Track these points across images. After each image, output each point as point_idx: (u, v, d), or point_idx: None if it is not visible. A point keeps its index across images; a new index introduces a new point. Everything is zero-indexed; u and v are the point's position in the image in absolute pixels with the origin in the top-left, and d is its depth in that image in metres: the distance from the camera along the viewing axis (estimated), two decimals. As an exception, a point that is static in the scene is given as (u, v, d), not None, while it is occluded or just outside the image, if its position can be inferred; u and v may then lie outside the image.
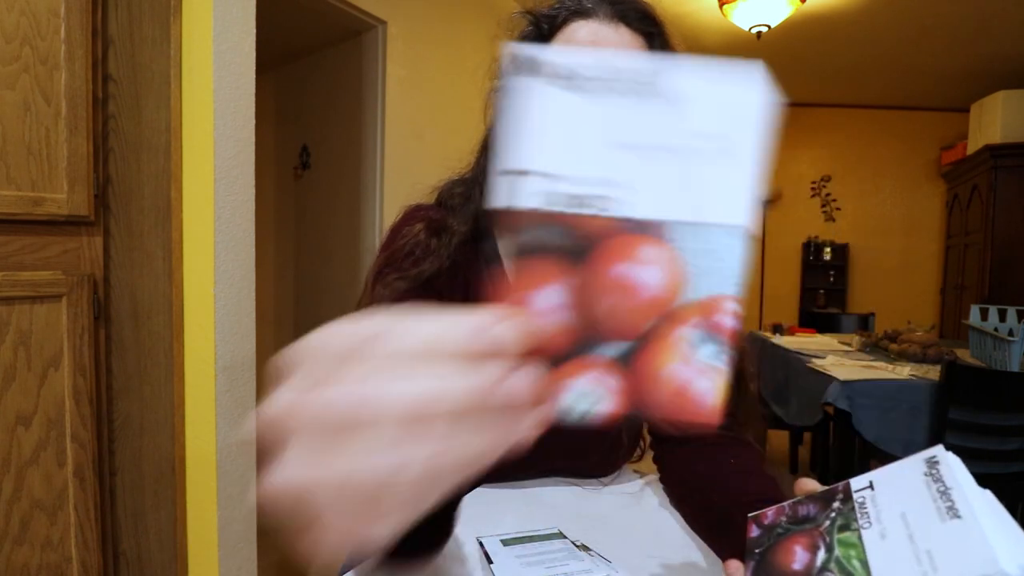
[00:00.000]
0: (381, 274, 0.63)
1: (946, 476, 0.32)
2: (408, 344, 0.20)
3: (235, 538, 1.40)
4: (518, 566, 0.46)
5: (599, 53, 0.22)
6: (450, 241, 0.65)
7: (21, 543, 1.08)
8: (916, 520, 0.31)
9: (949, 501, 0.30)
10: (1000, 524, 0.30)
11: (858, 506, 0.34)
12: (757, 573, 0.36)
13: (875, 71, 4.15)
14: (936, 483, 0.32)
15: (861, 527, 0.33)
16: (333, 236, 2.89)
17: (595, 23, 0.61)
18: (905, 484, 0.33)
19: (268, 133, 3.26)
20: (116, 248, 1.24)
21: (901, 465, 0.35)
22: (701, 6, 3.23)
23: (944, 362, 1.67)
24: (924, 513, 0.31)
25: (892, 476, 0.34)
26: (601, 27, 0.61)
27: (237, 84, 1.34)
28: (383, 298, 0.61)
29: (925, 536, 0.30)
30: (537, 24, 0.64)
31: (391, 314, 0.21)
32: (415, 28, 2.53)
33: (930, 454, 0.34)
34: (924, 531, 0.30)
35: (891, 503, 0.33)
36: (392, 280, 0.62)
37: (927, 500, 0.31)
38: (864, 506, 0.34)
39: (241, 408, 1.40)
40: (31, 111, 1.06)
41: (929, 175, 4.88)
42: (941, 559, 0.29)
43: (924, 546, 0.30)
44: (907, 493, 0.33)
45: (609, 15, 0.61)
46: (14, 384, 1.07)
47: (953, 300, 4.35)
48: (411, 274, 0.62)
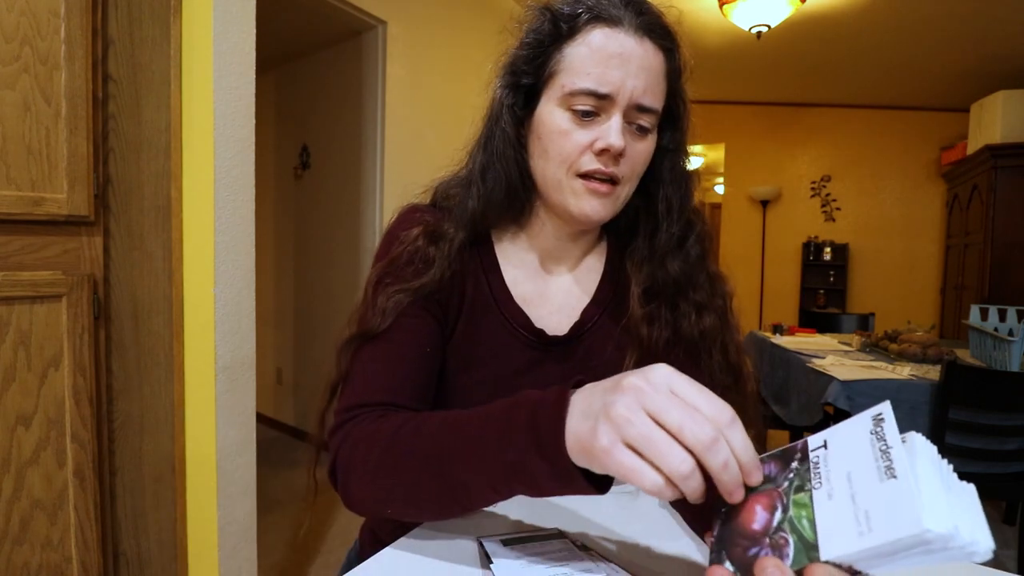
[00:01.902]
0: (381, 283, 0.63)
1: (888, 434, 0.32)
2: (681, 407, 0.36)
3: (235, 538, 1.40)
4: (518, 566, 0.46)
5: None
6: (449, 249, 0.63)
7: (21, 543, 1.08)
8: (859, 479, 0.32)
9: (888, 460, 0.31)
10: (943, 486, 0.30)
11: (812, 465, 0.35)
12: (722, 532, 0.37)
13: (875, 71, 4.15)
14: (879, 441, 0.32)
15: (813, 487, 0.34)
16: (333, 236, 2.90)
17: (622, 33, 0.58)
18: (854, 442, 0.34)
19: (268, 133, 3.26)
20: (116, 248, 1.24)
21: (853, 422, 0.35)
22: (701, 6, 3.23)
23: (944, 362, 1.67)
24: (866, 472, 0.32)
25: (844, 434, 0.35)
26: (627, 38, 0.58)
27: (237, 84, 1.34)
28: (387, 310, 0.60)
29: (864, 496, 0.31)
30: (555, 22, 0.61)
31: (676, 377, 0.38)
32: (415, 28, 2.53)
33: (876, 411, 0.34)
34: (864, 491, 0.31)
35: (840, 462, 0.34)
36: (393, 292, 0.61)
37: (870, 459, 0.32)
38: (817, 466, 0.35)
39: (241, 408, 1.40)
40: (31, 111, 1.06)
41: (929, 175, 4.87)
42: (876, 519, 0.30)
43: (863, 506, 0.31)
44: (854, 451, 0.33)
45: (635, 26, 0.58)
46: (14, 384, 1.07)
47: (953, 300, 4.35)
48: (413, 287, 0.61)
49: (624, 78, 0.57)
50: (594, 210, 0.61)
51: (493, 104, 0.65)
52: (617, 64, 0.57)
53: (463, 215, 0.65)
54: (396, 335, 0.61)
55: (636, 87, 0.58)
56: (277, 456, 2.87)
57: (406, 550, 0.51)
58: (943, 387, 1.64)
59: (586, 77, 0.58)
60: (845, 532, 0.31)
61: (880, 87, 4.49)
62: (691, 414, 0.35)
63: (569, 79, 0.59)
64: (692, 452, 0.34)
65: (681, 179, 0.68)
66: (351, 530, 2.18)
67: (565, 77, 0.59)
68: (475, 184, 0.65)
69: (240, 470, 1.40)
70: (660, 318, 0.67)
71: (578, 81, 0.58)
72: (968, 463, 1.65)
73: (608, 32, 0.58)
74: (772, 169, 5.16)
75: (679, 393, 0.37)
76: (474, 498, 0.46)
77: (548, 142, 0.61)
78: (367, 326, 0.61)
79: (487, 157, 0.65)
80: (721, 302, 0.69)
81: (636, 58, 0.58)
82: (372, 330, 0.60)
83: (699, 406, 0.36)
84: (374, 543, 0.67)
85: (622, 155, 0.60)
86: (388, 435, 0.51)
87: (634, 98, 0.58)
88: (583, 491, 0.40)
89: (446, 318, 0.65)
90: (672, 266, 0.67)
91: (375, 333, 0.60)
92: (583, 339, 0.68)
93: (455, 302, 0.65)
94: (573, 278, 0.71)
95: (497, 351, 0.66)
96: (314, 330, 3.11)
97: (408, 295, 0.61)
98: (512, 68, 0.64)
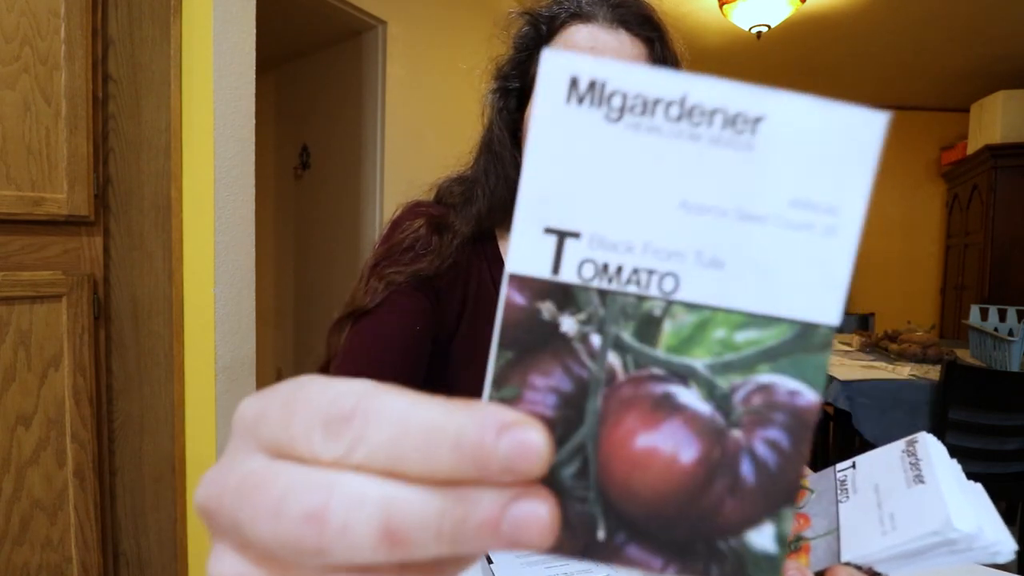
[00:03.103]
0: (378, 266, 0.63)
1: (919, 451, 0.33)
2: (383, 437, 0.14)
3: (235, 538, 1.40)
4: (518, 566, 0.46)
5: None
6: (452, 241, 0.64)
7: (21, 543, 1.08)
8: (886, 489, 0.32)
9: (917, 471, 0.31)
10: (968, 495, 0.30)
11: (839, 484, 0.35)
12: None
13: (876, 71, 4.15)
14: (910, 457, 0.33)
15: (839, 501, 0.34)
16: (333, 236, 2.90)
17: (594, 27, 0.60)
18: (885, 461, 0.34)
19: (268, 133, 3.26)
20: (116, 248, 1.24)
21: (886, 448, 0.36)
22: (701, 6, 3.23)
23: (944, 362, 1.67)
24: (894, 482, 0.32)
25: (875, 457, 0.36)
26: (600, 31, 0.59)
27: (237, 84, 1.34)
28: (377, 290, 0.60)
29: (890, 501, 0.31)
30: (535, 25, 0.63)
31: (367, 388, 0.14)
32: (415, 28, 2.53)
33: (912, 436, 0.35)
34: (890, 497, 0.31)
35: (868, 478, 0.34)
36: (388, 272, 0.61)
37: (899, 472, 0.32)
38: (844, 483, 0.35)
39: (241, 408, 1.40)
40: (31, 111, 1.06)
41: (929, 175, 4.88)
42: (901, 519, 0.30)
43: (888, 509, 0.31)
44: (884, 467, 0.34)
45: (609, 19, 0.60)
46: (14, 384, 1.07)
47: (953, 300, 4.35)
48: (409, 269, 0.61)
49: None
50: None
51: (486, 109, 0.68)
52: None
53: (469, 213, 0.66)
54: (385, 313, 0.60)
55: None
56: (277, 456, 2.87)
57: (406, 550, 0.51)
58: (943, 387, 1.64)
59: None
60: (868, 533, 0.30)
61: (880, 87, 4.49)
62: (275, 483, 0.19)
63: None
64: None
65: None
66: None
67: None
68: (479, 184, 0.66)
69: (240, 470, 1.40)
70: None
71: None
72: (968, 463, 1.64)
73: (582, 27, 0.60)
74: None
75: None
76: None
77: None
78: (357, 304, 0.61)
79: (488, 158, 0.66)
80: None
81: (610, 50, 0.59)
82: (361, 307, 0.60)
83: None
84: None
85: None
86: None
87: None
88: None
89: (446, 312, 0.65)
90: None
91: (364, 310, 0.60)
92: None
93: (457, 300, 0.66)
94: None
95: None
96: (314, 330, 3.10)
97: (403, 276, 0.61)
98: (500, 73, 0.66)
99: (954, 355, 2.10)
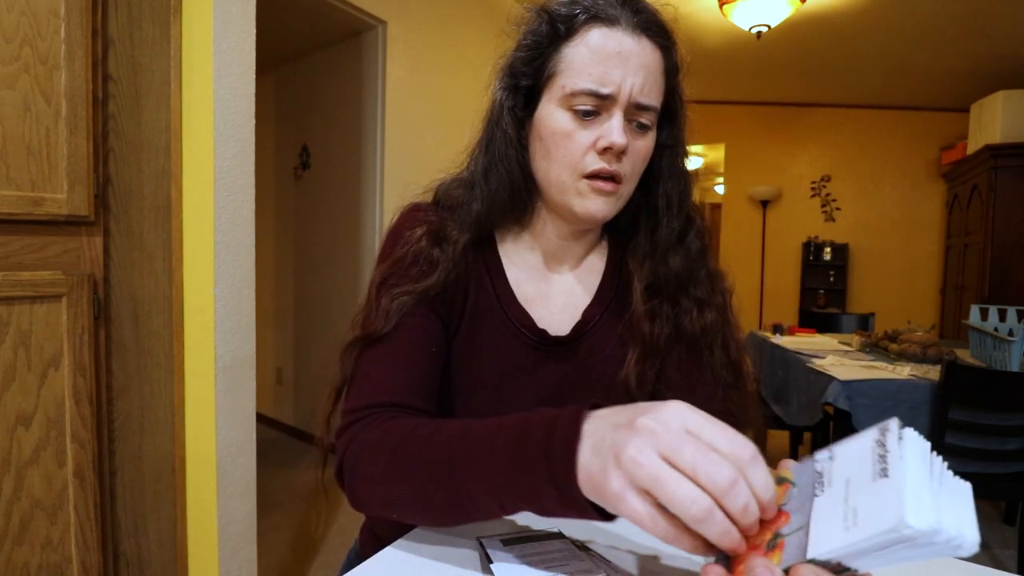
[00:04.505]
0: (385, 284, 0.62)
1: (889, 441, 0.32)
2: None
3: (235, 538, 1.40)
4: (518, 566, 0.46)
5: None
6: (453, 252, 0.63)
7: (21, 543, 1.08)
8: (855, 482, 0.32)
9: (884, 464, 0.31)
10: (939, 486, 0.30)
11: (816, 476, 0.35)
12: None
13: (876, 71, 4.15)
14: (879, 448, 0.32)
15: (815, 495, 0.34)
16: (333, 236, 2.90)
17: (620, 32, 0.58)
18: (858, 451, 0.34)
19: (268, 133, 3.26)
20: (116, 248, 1.24)
21: (861, 435, 0.35)
22: (701, 6, 3.23)
23: (944, 362, 1.67)
24: (863, 475, 0.32)
25: (851, 446, 0.35)
26: (626, 37, 0.58)
27: (237, 84, 1.34)
28: (390, 313, 0.60)
29: (856, 495, 0.31)
30: (552, 23, 0.61)
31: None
32: (415, 28, 2.53)
33: (883, 424, 0.34)
34: (857, 491, 0.31)
35: (842, 470, 0.34)
36: (397, 294, 0.61)
37: (868, 463, 0.32)
38: (821, 476, 0.35)
39: (241, 408, 1.40)
40: (31, 111, 1.06)
41: (929, 175, 4.88)
42: (862, 515, 0.30)
43: (852, 504, 0.31)
44: (856, 459, 0.33)
45: (632, 24, 0.58)
46: (14, 384, 1.07)
47: (953, 300, 4.35)
48: (417, 289, 0.61)
49: (624, 77, 0.58)
50: (598, 208, 0.61)
51: (493, 106, 0.65)
52: (617, 63, 0.58)
53: (467, 217, 0.65)
54: (401, 336, 0.60)
55: (636, 85, 0.58)
56: (277, 456, 2.87)
57: (406, 550, 0.51)
58: (943, 387, 1.64)
59: (587, 77, 0.58)
60: (833, 529, 0.31)
61: (880, 87, 4.49)
62: (706, 453, 0.33)
63: (569, 80, 0.59)
64: (710, 494, 0.33)
65: (680, 175, 0.68)
66: (351, 530, 2.18)
67: (565, 78, 0.59)
68: (478, 186, 0.65)
69: (240, 470, 1.40)
70: (662, 314, 0.67)
71: (579, 82, 0.58)
72: (968, 463, 1.65)
73: (606, 31, 0.58)
74: (772, 169, 5.16)
75: (694, 431, 0.35)
76: (480, 512, 0.46)
77: (551, 143, 0.61)
78: (371, 328, 0.60)
79: (489, 159, 0.65)
80: (721, 298, 0.69)
81: (635, 56, 0.58)
82: (376, 332, 0.60)
83: (717, 444, 0.34)
84: (374, 543, 0.67)
85: (624, 153, 0.60)
86: (397, 440, 0.51)
87: (634, 96, 0.58)
88: (592, 519, 0.40)
89: (449, 318, 0.65)
90: (673, 261, 0.67)
91: (379, 335, 0.60)
92: (585, 339, 0.68)
93: (458, 303, 0.65)
94: (575, 277, 0.71)
95: (499, 351, 0.66)
96: (314, 330, 3.11)
97: (412, 297, 0.61)
98: (511, 70, 0.64)
99: (954, 355, 2.10)
